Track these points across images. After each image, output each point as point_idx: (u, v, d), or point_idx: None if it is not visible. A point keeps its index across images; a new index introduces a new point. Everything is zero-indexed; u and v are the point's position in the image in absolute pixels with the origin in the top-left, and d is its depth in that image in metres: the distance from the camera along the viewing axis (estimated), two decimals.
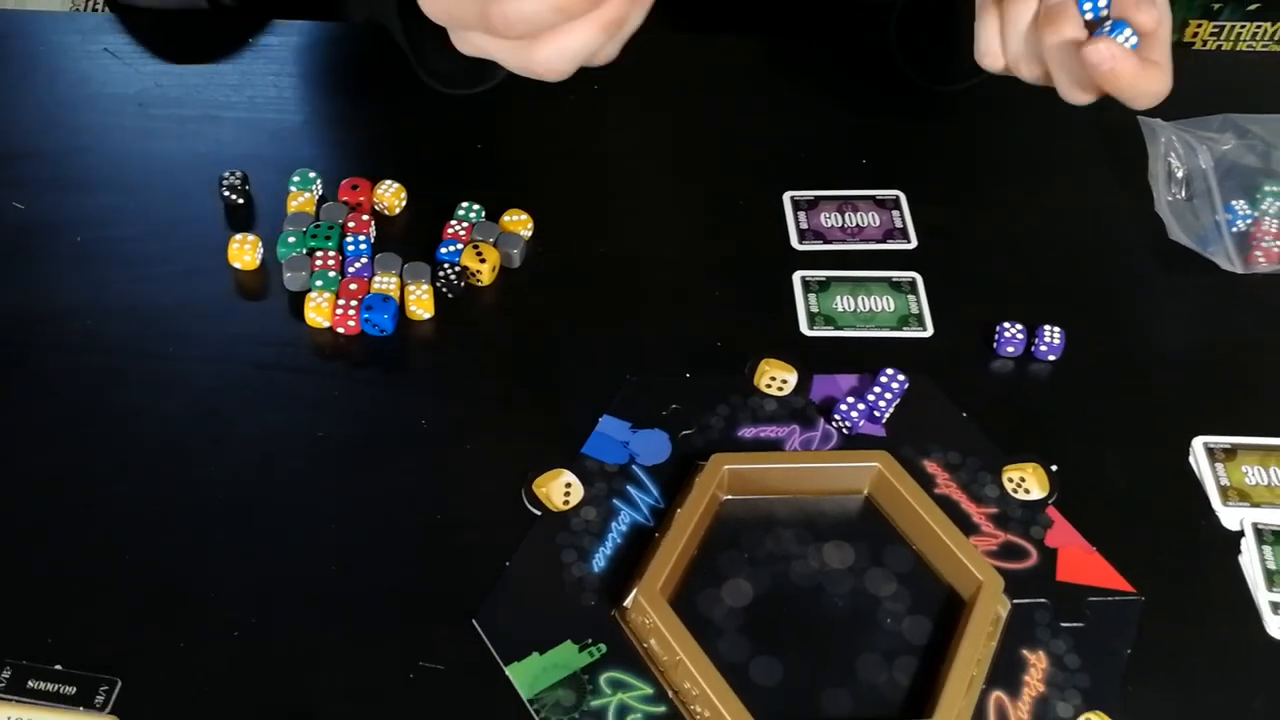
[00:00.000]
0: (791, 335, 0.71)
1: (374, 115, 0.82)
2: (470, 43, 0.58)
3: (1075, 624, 0.61)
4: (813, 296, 0.73)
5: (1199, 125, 0.78)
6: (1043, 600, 0.61)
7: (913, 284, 0.74)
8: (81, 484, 0.64)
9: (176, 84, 0.82)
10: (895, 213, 0.77)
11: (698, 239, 0.77)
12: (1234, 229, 0.76)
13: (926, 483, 0.64)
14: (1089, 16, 0.62)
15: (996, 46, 0.66)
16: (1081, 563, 0.63)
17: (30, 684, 0.57)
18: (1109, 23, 0.61)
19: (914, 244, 0.76)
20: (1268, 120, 0.78)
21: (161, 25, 0.86)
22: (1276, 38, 1.07)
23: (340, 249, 0.73)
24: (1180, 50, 0.66)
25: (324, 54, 0.85)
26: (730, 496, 0.64)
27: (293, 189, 0.76)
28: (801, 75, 0.86)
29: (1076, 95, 0.64)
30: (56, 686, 0.57)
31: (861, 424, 0.67)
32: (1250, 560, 0.63)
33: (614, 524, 0.63)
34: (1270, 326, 0.73)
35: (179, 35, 0.86)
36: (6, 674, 0.57)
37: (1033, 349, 0.70)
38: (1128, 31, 0.61)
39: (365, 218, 0.74)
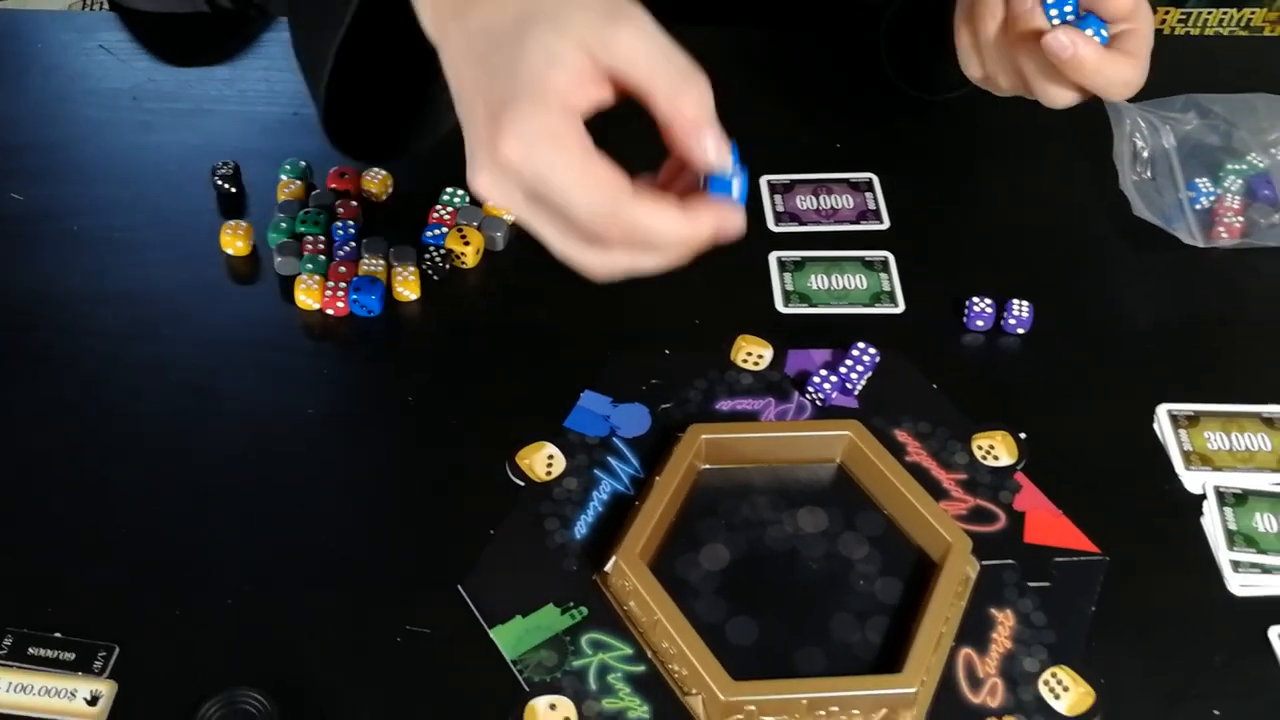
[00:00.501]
0: (767, 313, 0.74)
1: None
2: (535, 217, 0.52)
3: (1042, 584, 0.63)
4: (788, 275, 0.75)
5: (1162, 106, 0.80)
6: (1011, 561, 0.63)
7: (885, 263, 0.76)
8: (81, 461, 0.66)
9: (170, 79, 0.85)
10: (869, 195, 0.80)
11: None
12: (1197, 206, 0.78)
13: (897, 451, 0.67)
14: (1056, 22, 0.63)
15: (974, 61, 0.68)
16: (1049, 525, 0.65)
17: (31, 651, 0.59)
18: (1077, 23, 0.63)
19: (886, 225, 0.78)
20: (1229, 100, 0.81)
21: (155, 24, 0.89)
22: (1243, 23, 1.10)
23: (329, 234, 0.75)
24: None
25: None
26: (708, 466, 0.66)
27: (283, 178, 0.78)
28: (778, 65, 0.89)
29: (1054, 95, 0.65)
30: (56, 653, 0.59)
31: (834, 396, 0.69)
32: (1212, 521, 0.65)
33: (595, 493, 0.65)
34: (1231, 299, 0.75)
35: (172, 33, 0.88)
36: (8, 641, 0.59)
37: (1002, 323, 0.73)
38: (1093, 30, 0.62)
39: (353, 204, 0.76)
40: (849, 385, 0.69)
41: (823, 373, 0.69)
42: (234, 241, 0.74)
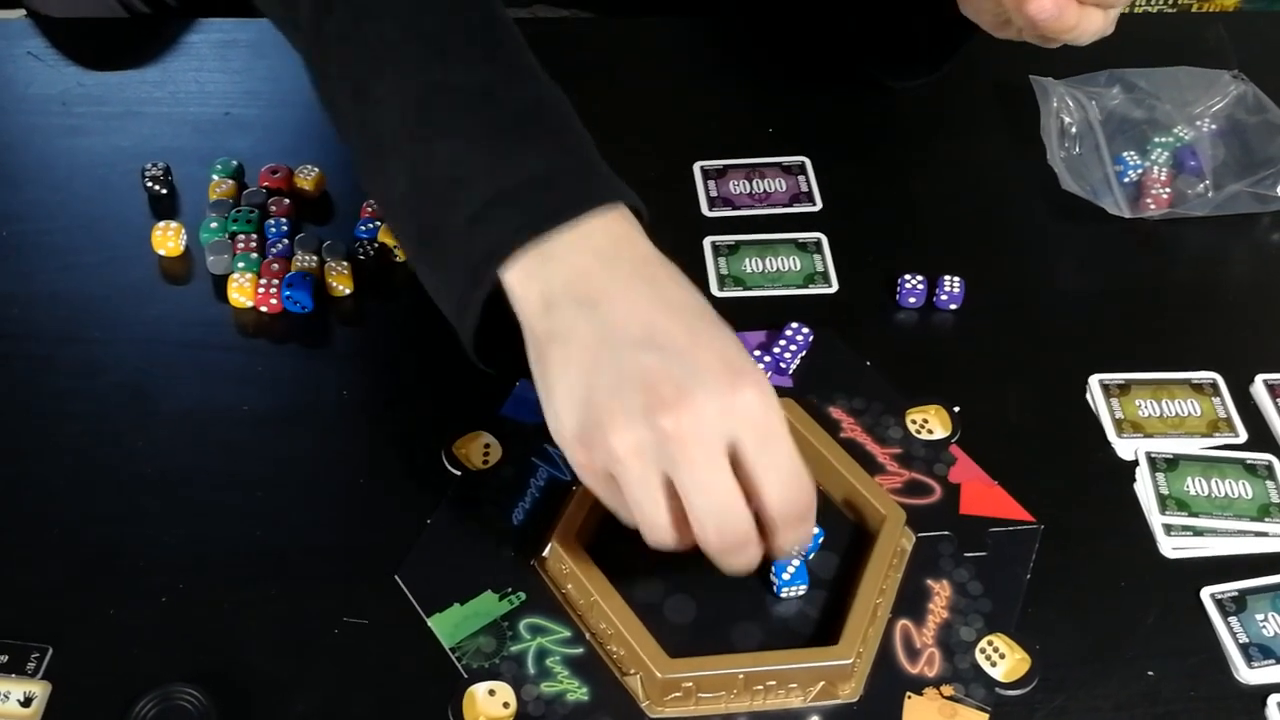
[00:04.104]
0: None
1: (293, 105, 0.84)
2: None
3: (978, 554, 0.63)
4: (722, 260, 0.75)
5: (1088, 81, 0.81)
6: (946, 533, 0.64)
7: (818, 244, 0.76)
8: (12, 461, 0.65)
9: (99, 83, 0.84)
10: (801, 178, 0.80)
11: None
12: (1125, 179, 0.79)
13: (832, 428, 0.67)
14: None
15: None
16: (983, 496, 0.65)
17: None
18: None
19: (819, 206, 0.79)
20: (1153, 74, 0.82)
21: (84, 29, 0.88)
22: (1171, 3, 1.11)
23: (261, 232, 0.75)
24: None
25: (243, 49, 0.87)
26: None
27: (214, 177, 0.78)
28: (710, 51, 0.89)
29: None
30: None
31: (769, 376, 0.69)
32: (1144, 487, 0.66)
33: (533, 480, 0.65)
34: (1159, 269, 0.76)
35: (101, 38, 0.88)
36: None
37: (934, 299, 0.73)
38: None
39: (285, 202, 0.76)
40: (783, 365, 0.69)
41: (756, 353, 0.69)
42: (165, 242, 0.74)
